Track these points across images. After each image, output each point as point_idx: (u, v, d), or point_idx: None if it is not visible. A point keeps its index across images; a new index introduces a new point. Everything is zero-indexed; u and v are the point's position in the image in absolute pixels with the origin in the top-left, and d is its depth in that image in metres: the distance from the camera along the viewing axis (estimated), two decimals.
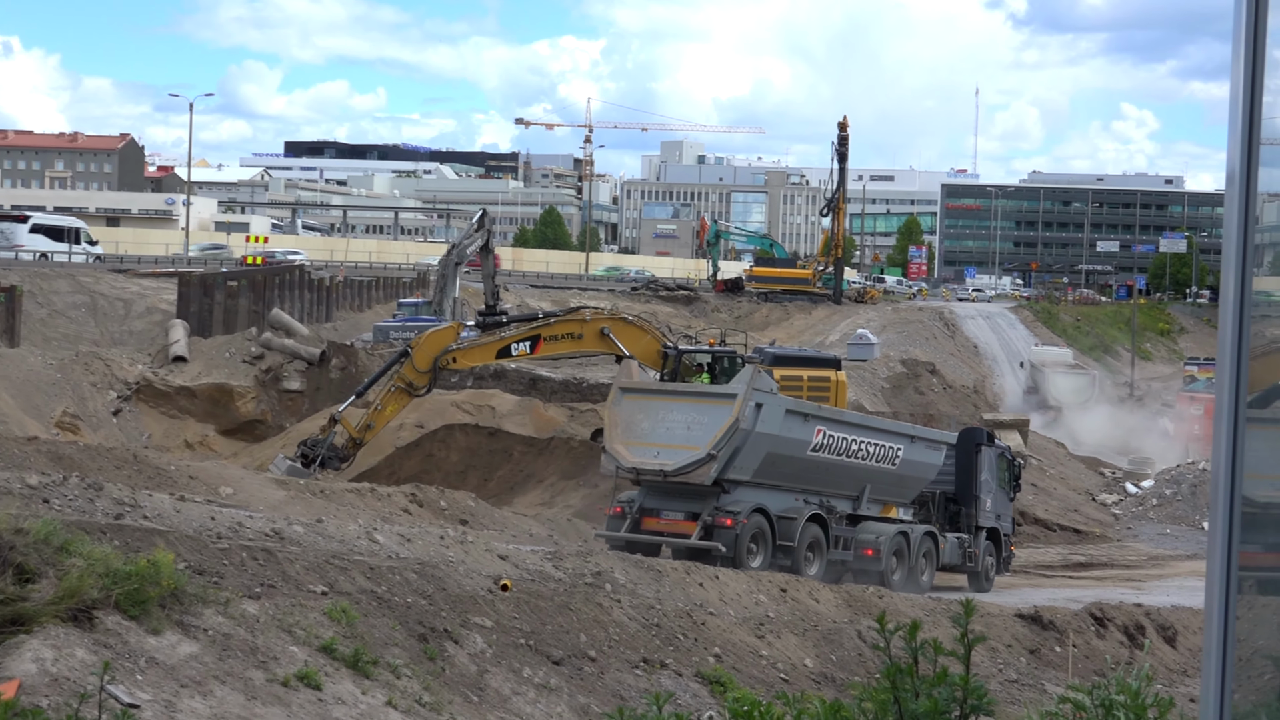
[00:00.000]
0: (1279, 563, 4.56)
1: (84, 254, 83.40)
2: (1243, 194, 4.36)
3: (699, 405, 28.60)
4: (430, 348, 39.28)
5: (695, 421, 27.77)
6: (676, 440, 27.67)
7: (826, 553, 29.32)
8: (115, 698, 10.48)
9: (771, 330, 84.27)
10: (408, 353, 39.32)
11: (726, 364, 42.50)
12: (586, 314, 42.87)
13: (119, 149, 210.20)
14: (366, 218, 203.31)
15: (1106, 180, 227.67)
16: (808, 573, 27.99)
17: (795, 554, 28.40)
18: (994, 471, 33.50)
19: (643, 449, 27.91)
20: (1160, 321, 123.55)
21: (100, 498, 19.00)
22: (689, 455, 27.23)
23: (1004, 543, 33.97)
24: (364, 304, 76.82)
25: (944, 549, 31.58)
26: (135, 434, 50.90)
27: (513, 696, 16.07)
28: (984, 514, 33.07)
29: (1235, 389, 4.38)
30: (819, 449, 28.97)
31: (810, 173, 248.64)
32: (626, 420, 28.54)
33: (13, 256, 77.28)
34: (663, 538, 28.09)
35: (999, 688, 21.87)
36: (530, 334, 40.98)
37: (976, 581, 32.98)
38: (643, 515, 28.23)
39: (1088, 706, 6.57)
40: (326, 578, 16.92)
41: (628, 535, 28.05)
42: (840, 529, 29.80)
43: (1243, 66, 4.33)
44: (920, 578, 30.78)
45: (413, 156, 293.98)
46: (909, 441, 31.42)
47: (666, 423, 28.15)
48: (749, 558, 27.68)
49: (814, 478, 29.29)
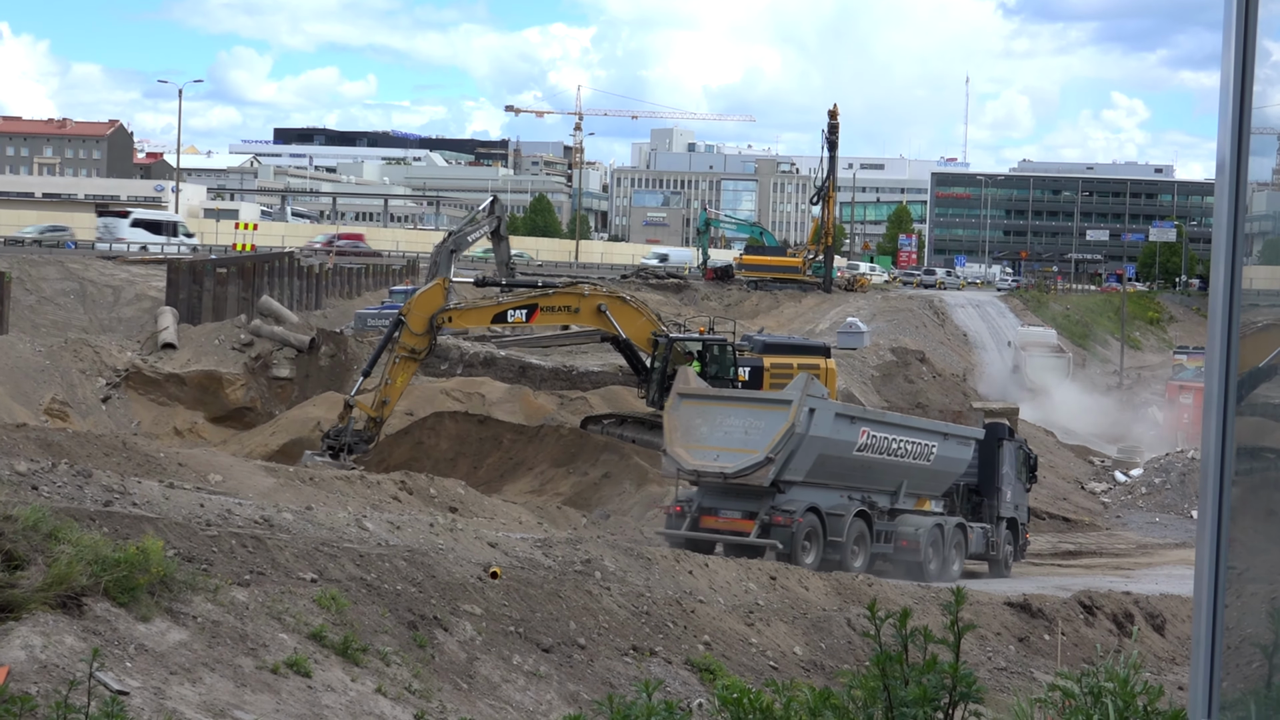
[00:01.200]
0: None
1: (179, 245, 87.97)
2: (1233, 183, 4.36)
3: (755, 410, 30.34)
4: (422, 309, 39.45)
5: (752, 426, 29.47)
6: (735, 444, 29.30)
7: (870, 546, 30.96)
8: (104, 684, 10.48)
9: (761, 318, 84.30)
10: (402, 320, 39.48)
11: (717, 351, 42.63)
12: (585, 289, 43.17)
13: (108, 135, 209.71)
14: (356, 205, 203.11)
15: (1096, 169, 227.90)
16: (853, 565, 29.58)
17: (843, 549, 29.96)
18: (1014, 464, 35.09)
19: (703, 452, 29.54)
20: (1150, 310, 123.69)
21: (89, 485, 18.98)
22: (748, 458, 28.86)
23: (1020, 531, 35.55)
24: (353, 291, 76.72)
25: (971, 539, 33.18)
26: (124, 421, 50.84)
27: (502, 684, 16.09)
28: (1004, 505, 34.59)
29: (1225, 377, 4.39)
30: (864, 449, 30.65)
31: (800, 161, 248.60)
32: (685, 425, 30.12)
33: (123, 249, 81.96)
34: (721, 535, 29.56)
35: (988, 675, 21.92)
36: (528, 302, 41.19)
37: (997, 569, 34.39)
38: (701, 514, 29.69)
39: (1077, 694, 6.59)
40: (316, 565, 16.92)
41: (687, 533, 29.48)
42: (881, 523, 31.32)
43: (1233, 56, 4.33)
44: (951, 567, 32.31)
45: (402, 144, 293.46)
46: (942, 439, 33.05)
47: (724, 427, 29.80)
48: (803, 554, 29.18)
49: (858, 476, 30.86)
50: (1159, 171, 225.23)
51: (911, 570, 30.62)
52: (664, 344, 41.55)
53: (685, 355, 42.34)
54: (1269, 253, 4.74)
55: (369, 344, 56.80)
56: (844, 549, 29.92)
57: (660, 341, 41.77)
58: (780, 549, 28.71)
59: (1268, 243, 4.77)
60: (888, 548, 31.38)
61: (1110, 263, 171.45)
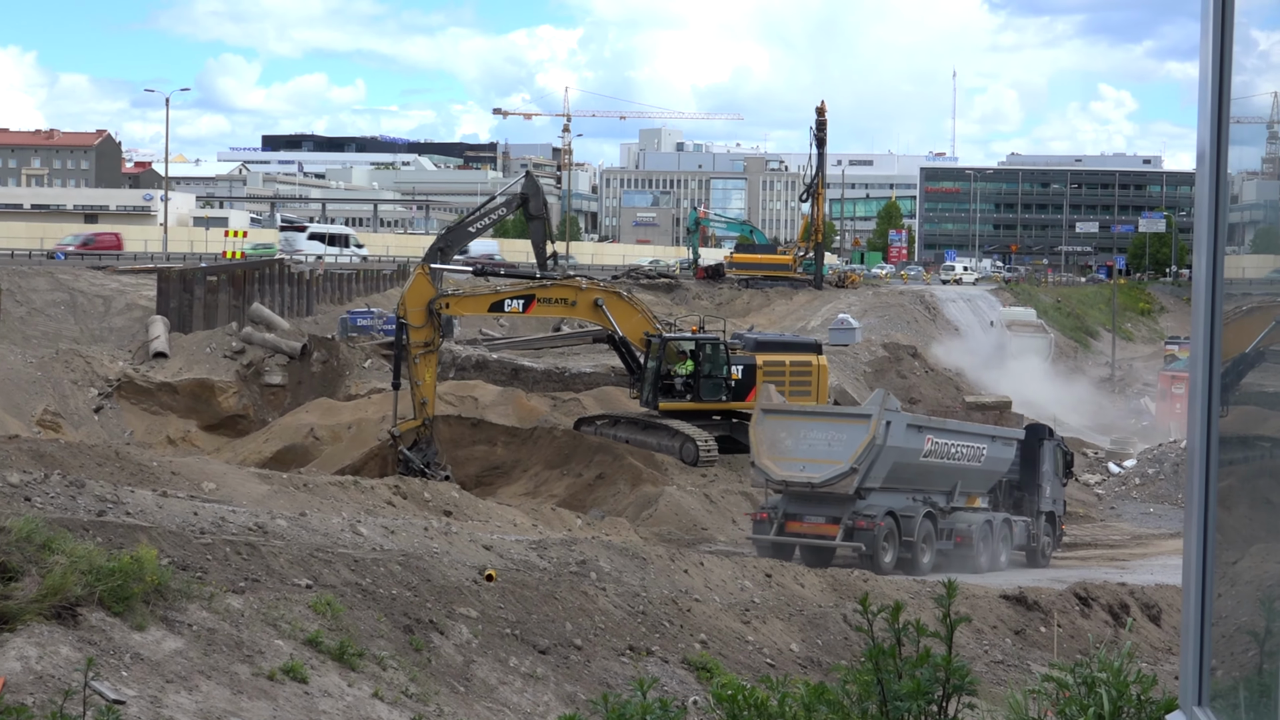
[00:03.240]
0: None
1: (351, 256, 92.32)
2: (1213, 172, 4.37)
3: (836, 424, 32.94)
4: (415, 303, 39.48)
5: (834, 439, 31.97)
6: (819, 455, 31.70)
7: (935, 543, 33.40)
8: (100, 694, 10.47)
9: (753, 316, 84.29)
10: (402, 322, 39.51)
11: (710, 351, 42.73)
12: (582, 283, 43.29)
13: (96, 145, 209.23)
14: (345, 210, 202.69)
15: (1085, 161, 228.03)
16: (921, 562, 32.34)
17: (914, 547, 32.44)
18: (1052, 462, 37.46)
19: (789, 463, 31.96)
20: (1140, 301, 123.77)
21: (82, 495, 18.95)
22: (833, 469, 31.33)
23: (1057, 523, 37.78)
24: (344, 297, 76.50)
25: (1014, 532, 35.69)
26: (117, 431, 50.78)
27: (499, 686, 16.09)
28: (1044, 499, 36.95)
29: (1209, 366, 4.40)
30: (929, 454, 33.24)
31: (789, 158, 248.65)
32: (770, 438, 32.51)
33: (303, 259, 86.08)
34: (806, 539, 32.12)
35: (984, 669, 21.94)
36: (525, 293, 41.42)
37: (1034, 558, 36.46)
38: (787, 520, 32.08)
39: (1071, 685, 6.60)
40: (311, 571, 16.91)
41: (775, 537, 32.00)
42: (942, 521, 33.84)
43: (1211, 46, 4.34)
44: (999, 560, 34.83)
45: (391, 148, 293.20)
46: (990, 441, 35.64)
47: (808, 440, 32.21)
48: (882, 555, 31.79)
49: (922, 479, 33.38)
50: (1147, 162, 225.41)
51: (966, 564, 33.07)
52: (657, 343, 41.65)
53: (679, 355, 42.48)
54: (1260, 241, 4.73)
55: (361, 349, 56.79)
56: (914, 548, 32.36)
57: (653, 341, 41.86)
58: (863, 551, 31.52)
59: (1259, 231, 4.75)
60: (947, 544, 33.67)
61: (1100, 254, 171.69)
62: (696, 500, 38.34)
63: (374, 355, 56.62)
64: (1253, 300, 4.64)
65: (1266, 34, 4.37)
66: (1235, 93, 4.33)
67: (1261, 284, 4.69)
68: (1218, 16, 4.31)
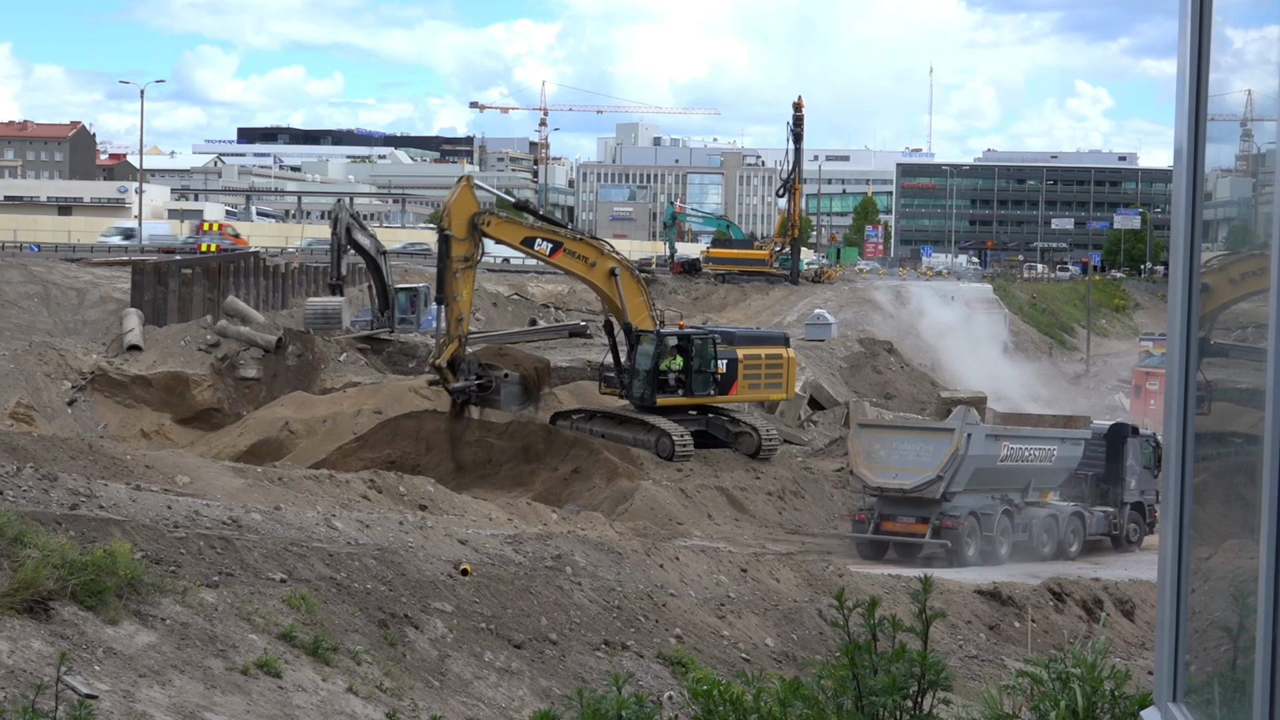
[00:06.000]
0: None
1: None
2: (1190, 169, 4.38)
3: (924, 437, 37.27)
4: (460, 214, 40.52)
5: (922, 450, 36.17)
6: (909, 464, 35.82)
7: (1011, 537, 37.13)
8: (73, 688, 10.42)
9: (729, 311, 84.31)
10: (446, 234, 40.36)
11: (701, 345, 43.28)
12: (606, 247, 43.79)
13: (70, 137, 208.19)
14: (321, 204, 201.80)
15: (1061, 158, 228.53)
16: (1000, 554, 36.26)
17: (993, 541, 36.34)
18: (1138, 457, 41.07)
19: (883, 471, 36.15)
20: (1115, 298, 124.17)
21: (55, 488, 18.86)
22: (921, 477, 35.54)
23: (1147, 512, 40.86)
24: (319, 290, 76.26)
25: (1090, 522, 39.11)
26: (90, 424, 50.56)
27: (474, 680, 16.06)
28: (1129, 491, 40.61)
29: (1185, 363, 4.40)
30: (1005, 459, 37.06)
31: (766, 154, 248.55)
32: (866, 449, 36.76)
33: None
34: (898, 537, 36.29)
35: (959, 664, 22.00)
36: (555, 238, 42.37)
37: (1119, 544, 40.10)
38: (882, 520, 36.20)
39: (1045, 680, 6.62)
40: (285, 565, 16.86)
41: (872, 536, 36.21)
42: (1017, 517, 37.56)
43: (1189, 43, 4.34)
44: (1069, 549, 38.30)
45: (367, 141, 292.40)
46: (1060, 442, 38.86)
47: (899, 451, 36.36)
48: (966, 550, 35.71)
49: (999, 480, 37.08)
50: (1123, 159, 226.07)
51: (1031, 553, 36.84)
52: (653, 338, 42.46)
53: (672, 350, 43.06)
54: (1233, 239, 4.74)
55: (337, 343, 56.65)
56: (994, 541, 36.36)
57: (643, 335, 42.47)
58: (949, 547, 35.56)
59: (1232, 228, 4.77)
60: (1022, 536, 37.35)
61: (1076, 250, 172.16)
62: (672, 495, 38.37)
63: (349, 349, 56.47)
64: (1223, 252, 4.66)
65: (1241, 32, 4.37)
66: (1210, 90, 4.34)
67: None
68: (1195, 14, 4.32)
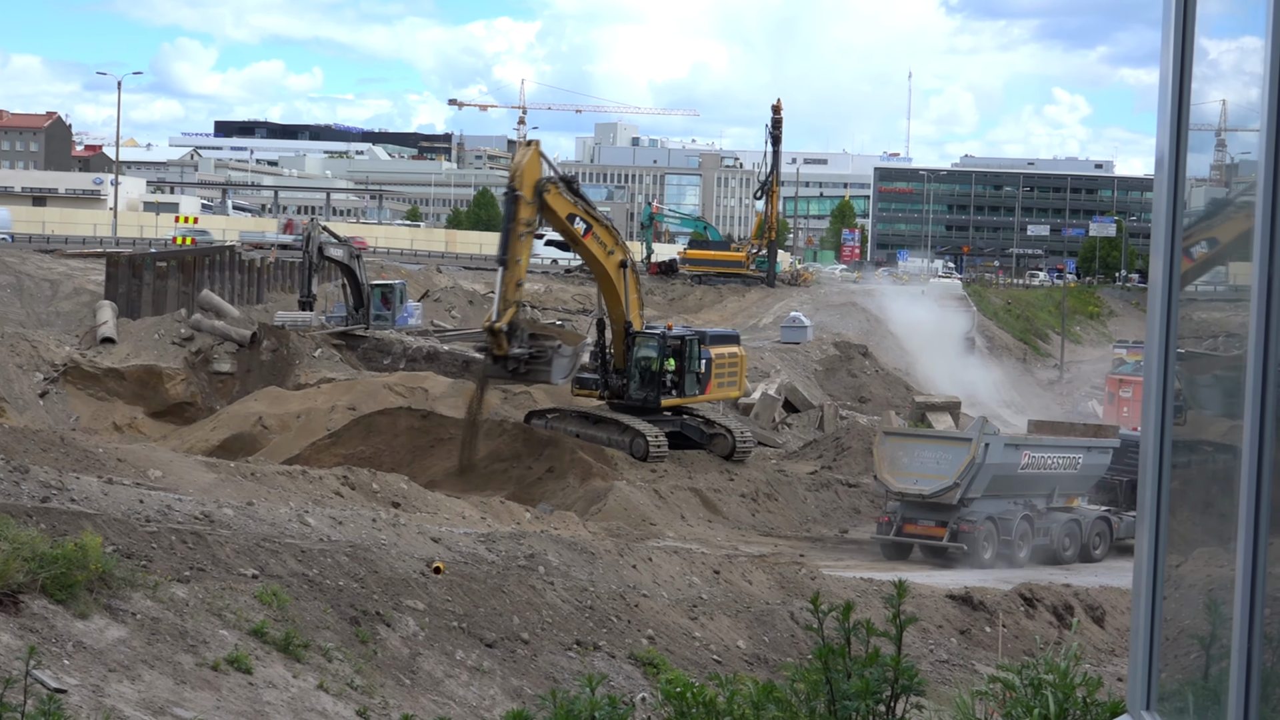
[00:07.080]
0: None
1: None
2: (1171, 177, 4.39)
3: (944, 446, 38.78)
4: (530, 177, 40.90)
5: (942, 458, 37.66)
6: (929, 471, 37.39)
7: (1031, 541, 38.18)
8: (42, 683, 10.37)
9: (705, 313, 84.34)
10: (516, 194, 40.63)
11: (690, 347, 44.13)
12: (621, 238, 45.18)
13: (45, 128, 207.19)
14: (298, 198, 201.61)
15: (1038, 165, 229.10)
16: (1018, 557, 37.35)
17: (1012, 545, 37.63)
18: None
19: (905, 477, 37.82)
20: (1090, 305, 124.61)
21: (26, 480, 18.76)
22: (940, 483, 36.98)
23: None
24: (295, 285, 76.05)
25: (1119, 527, 39.80)
26: (62, 416, 50.32)
27: (445, 679, 16.03)
28: None
29: (1164, 372, 4.41)
30: (1026, 467, 38.27)
31: (745, 156, 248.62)
32: (890, 456, 38.41)
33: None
34: (919, 539, 37.84)
35: (930, 668, 22.04)
36: (592, 219, 43.19)
37: None
38: (904, 523, 37.82)
39: (1017, 686, 6.63)
40: (257, 561, 16.80)
41: (894, 537, 37.74)
42: (1040, 522, 38.63)
43: (1172, 53, 4.35)
44: (1094, 553, 39.23)
45: (345, 137, 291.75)
46: (1086, 450, 39.91)
47: (920, 459, 37.98)
48: (983, 552, 37.00)
49: (1022, 487, 38.37)
50: (1099, 167, 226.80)
51: (1053, 557, 37.93)
52: (658, 339, 43.84)
53: (672, 351, 44.13)
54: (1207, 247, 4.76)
55: (312, 338, 56.50)
56: (1012, 545, 37.57)
57: (639, 336, 43.25)
58: (965, 550, 36.84)
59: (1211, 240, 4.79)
60: (1044, 540, 38.40)
61: (1051, 257, 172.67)
62: (646, 495, 38.38)
63: (324, 345, 56.34)
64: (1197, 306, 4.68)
65: (1216, 42, 4.39)
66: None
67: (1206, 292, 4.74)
68: (1179, 23, 4.33)
